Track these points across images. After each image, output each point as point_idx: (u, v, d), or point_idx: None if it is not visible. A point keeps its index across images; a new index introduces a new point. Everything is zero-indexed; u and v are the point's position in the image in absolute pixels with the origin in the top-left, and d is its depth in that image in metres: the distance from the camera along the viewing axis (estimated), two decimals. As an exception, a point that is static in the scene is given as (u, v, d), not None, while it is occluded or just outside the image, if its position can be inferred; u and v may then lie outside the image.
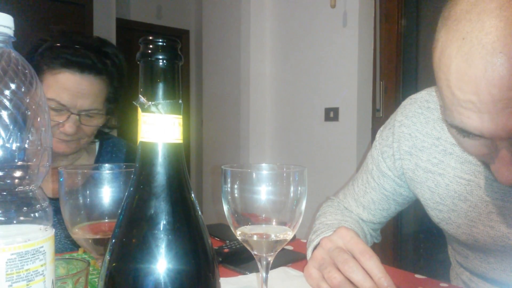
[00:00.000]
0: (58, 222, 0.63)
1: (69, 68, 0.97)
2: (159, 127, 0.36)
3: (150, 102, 0.36)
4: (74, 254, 0.84)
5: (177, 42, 0.37)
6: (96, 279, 0.69)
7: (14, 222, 0.35)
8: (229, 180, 0.51)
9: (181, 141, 0.38)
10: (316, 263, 0.70)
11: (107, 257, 0.36)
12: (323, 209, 0.96)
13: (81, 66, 0.98)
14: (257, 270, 0.81)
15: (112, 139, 1.23)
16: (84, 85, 0.99)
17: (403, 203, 0.92)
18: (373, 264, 0.64)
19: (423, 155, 0.81)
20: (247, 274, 0.80)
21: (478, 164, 0.74)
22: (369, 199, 0.91)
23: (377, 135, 0.92)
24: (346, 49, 2.48)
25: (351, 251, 0.68)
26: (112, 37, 4.14)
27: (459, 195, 0.76)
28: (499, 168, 0.56)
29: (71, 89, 0.97)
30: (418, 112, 0.83)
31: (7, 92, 0.36)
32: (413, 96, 0.86)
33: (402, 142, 0.84)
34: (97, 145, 1.20)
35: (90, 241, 0.52)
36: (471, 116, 0.53)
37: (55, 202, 0.60)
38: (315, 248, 0.77)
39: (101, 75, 1.02)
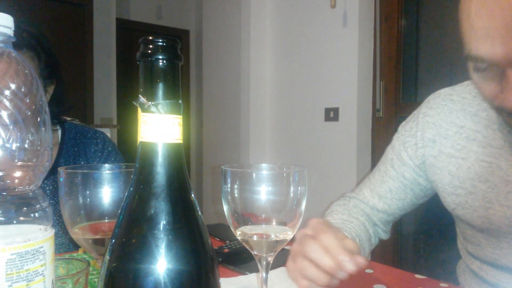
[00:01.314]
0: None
1: None
2: (159, 127, 0.36)
3: (150, 102, 0.36)
4: (74, 254, 0.84)
5: (177, 42, 0.37)
6: (96, 279, 0.69)
7: (14, 222, 0.35)
8: (229, 180, 0.51)
9: (181, 141, 0.38)
10: (291, 256, 0.71)
11: (107, 257, 0.36)
12: (333, 207, 0.97)
13: None
14: (257, 270, 0.81)
15: (75, 126, 1.23)
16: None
17: (419, 195, 0.93)
18: (327, 240, 0.64)
19: (447, 142, 0.85)
20: (247, 274, 0.80)
21: (499, 147, 0.78)
22: (386, 188, 0.93)
23: (399, 129, 0.96)
24: (346, 49, 2.48)
25: (315, 236, 0.68)
26: (112, 37, 4.15)
27: (479, 176, 0.79)
28: (508, 96, 0.62)
29: None
30: (442, 104, 0.88)
31: (7, 92, 0.36)
32: (437, 92, 0.92)
33: (426, 130, 0.88)
34: (59, 133, 1.20)
35: (90, 241, 0.52)
36: (485, 43, 0.60)
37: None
38: None
39: (21, 49, 1.01)
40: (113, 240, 0.37)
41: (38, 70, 1.05)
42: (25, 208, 0.36)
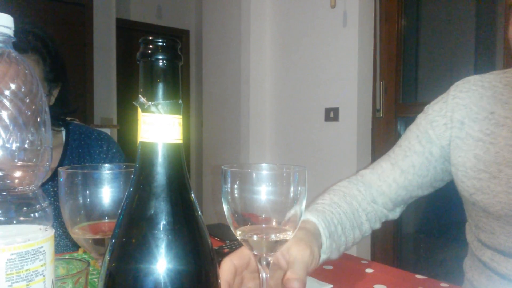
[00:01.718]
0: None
1: None
2: (159, 127, 0.36)
3: (150, 102, 0.36)
4: (74, 254, 0.84)
5: (177, 42, 0.37)
6: (96, 279, 0.69)
7: (14, 222, 0.35)
8: (229, 180, 0.51)
9: (181, 141, 0.38)
10: None
11: (107, 257, 0.36)
12: (335, 186, 0.95)
13: None
14: (257, 270, 0.81)
15: (79, 127, 1.22)
16: None
17: (438, 175, 0.92)
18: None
19: (476, 125, 0.86)
20: (247, 274, 0.79)
21: None
22: (409, 163, 0.92)
23: (426, 109, 0.95)
24: (346, 49, 2.48)
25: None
26: (112, 37, 4.15)
27: (507, 161, 0.80)
28: None
29: None
30: (472, 88, 0.89)
31: (7, 93, 0.36)
32: (465, 78, 0.92)
33: (456, 111, 0.88)
34: (63, 134, 1.19)
35: (90, 241, 0.52)
36: None
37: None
38: None
39: (26, 52, 1.00)
40: (113, 240, 0.37)
41: (43, 74, 1.04)
42: (25, 208, 0.36)
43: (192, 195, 0.38)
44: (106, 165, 0.56)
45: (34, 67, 1.02)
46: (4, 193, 0.35)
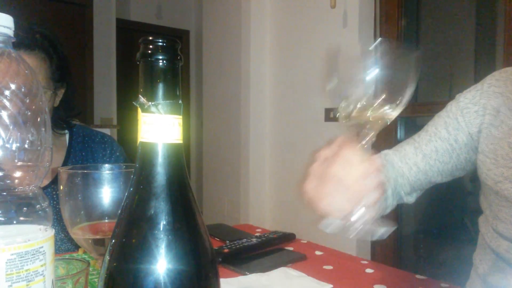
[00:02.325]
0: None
1: None
2: (159, 127, 0.36)
3: (150, 103, 0.36)
4: (74, 254, 0.84)
5: (177, 42, 0.37)
6: (96, 279, 0.69)
7: (14, 222, 0.35)
8: None
9: (181, 141, 0.38)
10: (311, 176, 0.71)
11: (107, 257, 0.36)
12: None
13: None
14: (256, 271, 0.81)
15: (83, 130, 1.22)
16: None
17: (460, 164, 0.92)
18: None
19: None
20: (247, 274, 0.80)
21: None
22: (432, 148, 0.92)
23: (457, 97, 0.94)
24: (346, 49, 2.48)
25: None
26: (112, 37, 4.15)
27: None
28: None
29: None
30: (510, 77, 0.87)
31: (7, 92, 0.36)
32: (502, 69, 0.91)
33: (492, 99, 0.88)
34: (67, 137, 1.19)
35: (90, 241, 0.52)
36: None
37: None
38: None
39: (33, 50, 1.01)
40: (113, 240, 0.37)
41: (49, 72, 1.05)
42: (25, 208, 0.36)
43: (192, 195, 0.38)
44: (106, 165, 0.56)
45: (40, 65, 1.03)
46: (4, 193, 0.35)
